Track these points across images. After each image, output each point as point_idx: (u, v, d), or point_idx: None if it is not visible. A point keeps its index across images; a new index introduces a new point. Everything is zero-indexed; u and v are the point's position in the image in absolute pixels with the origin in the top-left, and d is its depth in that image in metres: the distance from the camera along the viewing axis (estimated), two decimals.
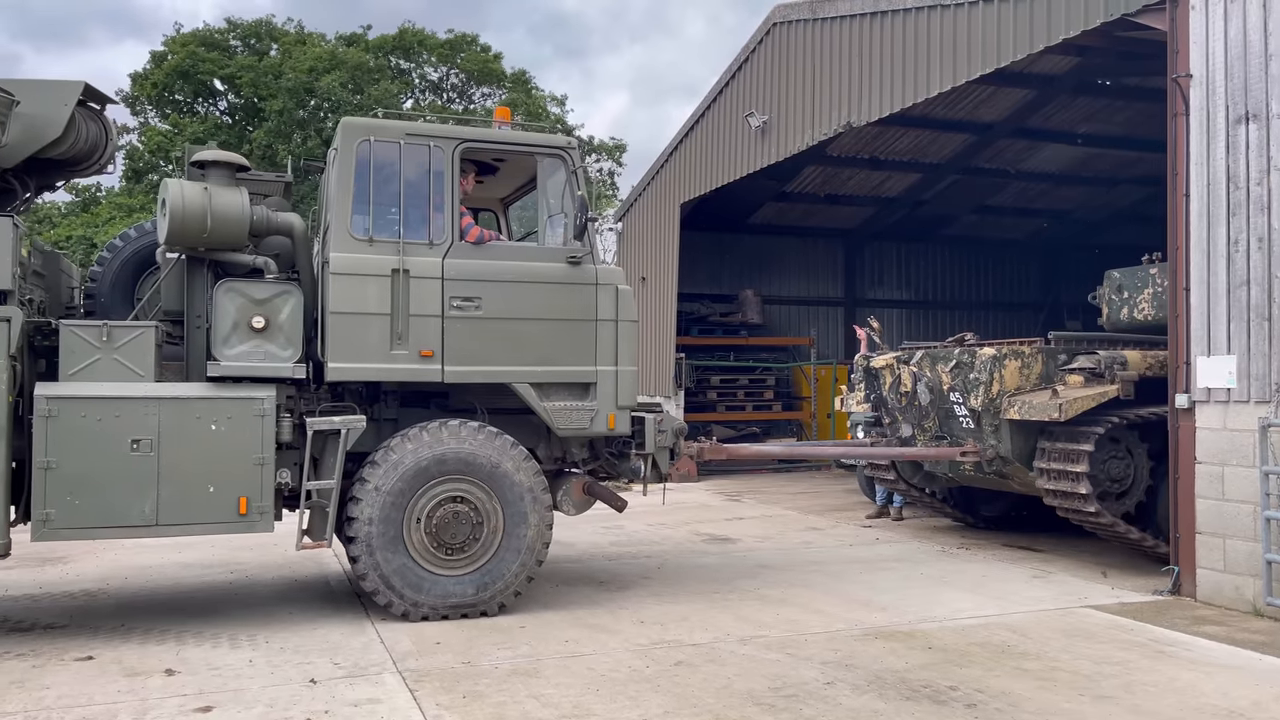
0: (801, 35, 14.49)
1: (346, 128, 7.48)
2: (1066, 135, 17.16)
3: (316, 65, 31.57)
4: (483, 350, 7.43)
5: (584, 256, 7.68)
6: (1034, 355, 9.40)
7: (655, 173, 19.65)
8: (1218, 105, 7.82)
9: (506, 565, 7.37)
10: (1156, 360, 9.09)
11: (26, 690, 5.71)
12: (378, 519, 7.07)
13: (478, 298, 7.42)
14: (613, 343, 7.74)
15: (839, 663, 6.23)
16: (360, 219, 7.30)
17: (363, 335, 7.20)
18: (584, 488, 8.14)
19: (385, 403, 7.70)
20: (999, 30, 10.43)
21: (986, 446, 9.51)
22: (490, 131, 7.95)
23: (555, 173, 7.90)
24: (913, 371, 10.29)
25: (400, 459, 7.16)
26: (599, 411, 7.69)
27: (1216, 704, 5.47)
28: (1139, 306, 10.73)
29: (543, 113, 36.45)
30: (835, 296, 22.33)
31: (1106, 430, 8.80)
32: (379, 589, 7.12)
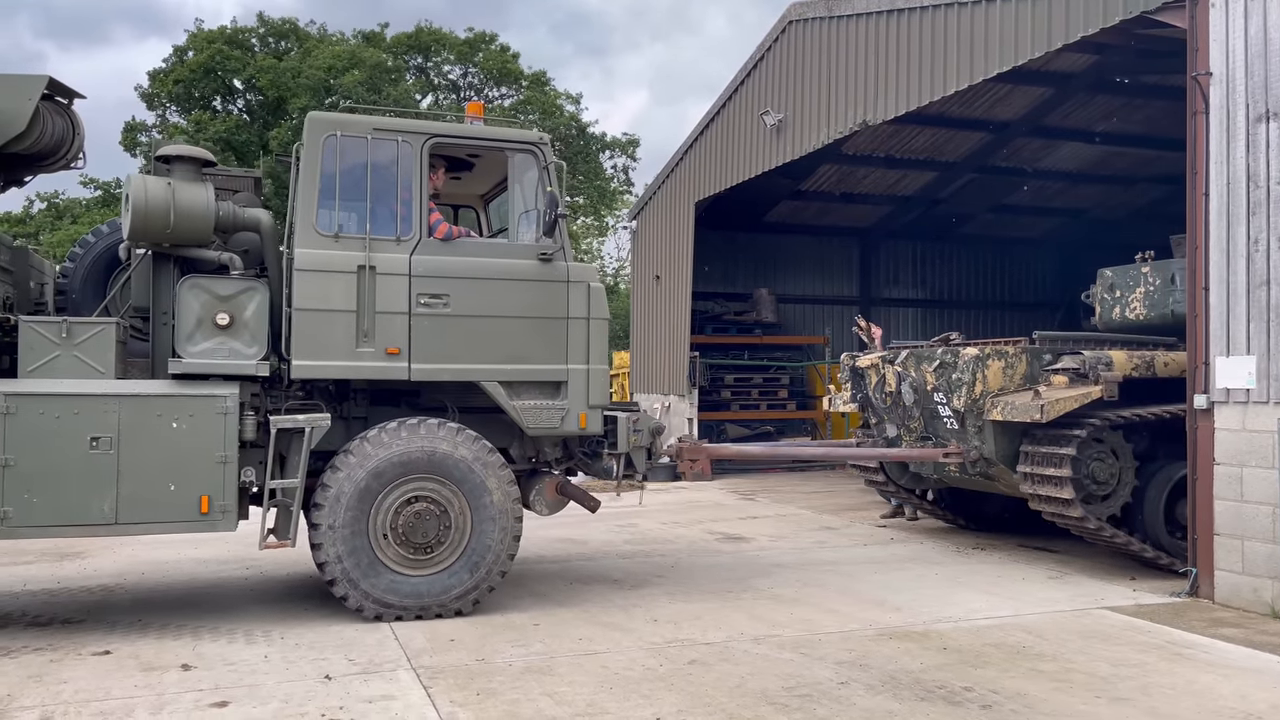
0: (817, 33, 14.44)
1: (312, 122, 7.38)
2: (1084, 134, 17.05)
3: (336, 64, 31.70)
4: (451, 348, 7.34)
5: (555, 253, 7.58)
6: (1018, 355, 9.23)
7: (670, 171, 19.64)
8: (1238, 103, 7.75)
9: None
10: (1143, 361, 8.98)
11: (44, 684, 5.76)
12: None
13: (446, 295, 7.33)
14: (584, 341, 7.64)
15: (853, 663, 6.21)
16: (326, 215, 7.22)
17: (328, 332, 7.11)
18: (557, 487, 8.02)
19: (355, 401, 7.61)
20: (1016, 28, 10.37)
21: (970, 448, 9.37)
22: (459, 126, 7.86)
23: (527, 168, 7.79)
24: (897, 371, 10.14)
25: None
26: (570, 411, 7.60)
27: (1234, 707, 5.42)
28: (1131, 306, 10.60)
29: (558, 111, 36.52)
30: (850, 295, 22.26)
31: (1090, 432, 8.66)
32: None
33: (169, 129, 33.19)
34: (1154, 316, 10.34)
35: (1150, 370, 9.00)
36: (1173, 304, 10.10)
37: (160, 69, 34.26)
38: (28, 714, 5.26)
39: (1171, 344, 9.52)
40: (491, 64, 36.48)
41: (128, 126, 34.09)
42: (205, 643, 6.65)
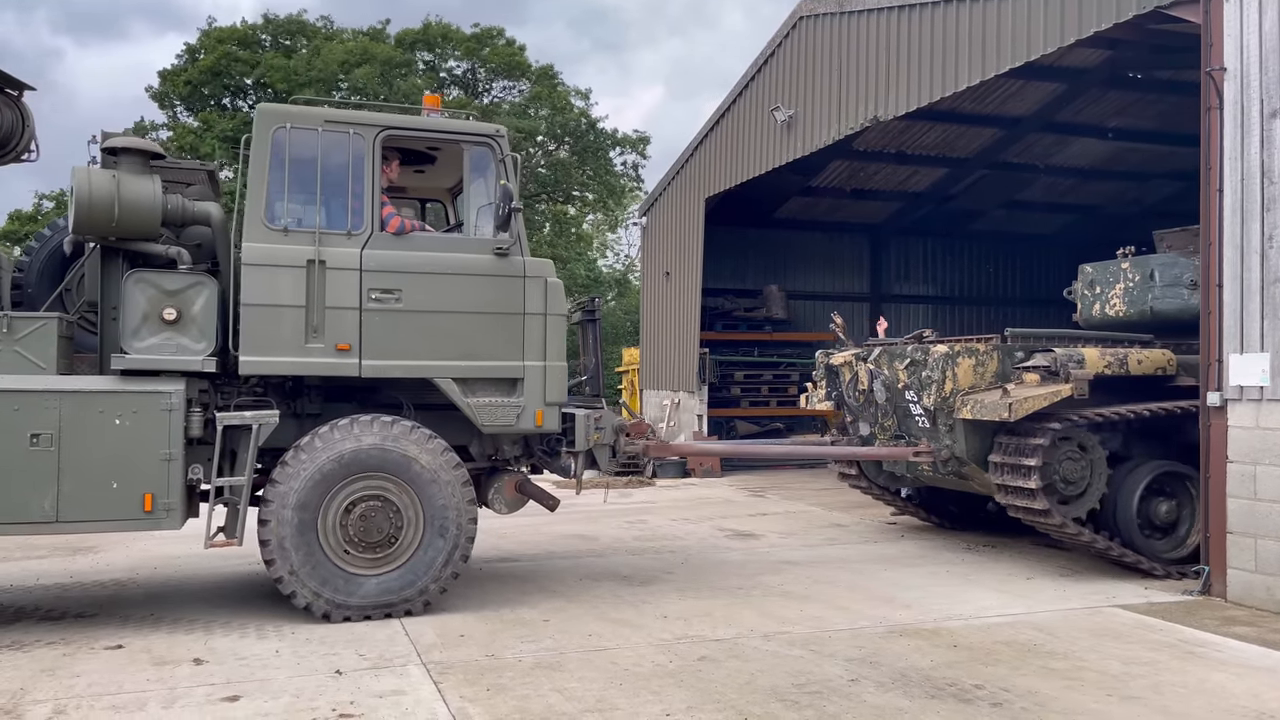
0: (828, 29, 14.40)
1: (262, 114, 7.25)
2: (1097, 129, 16.98)
3: (348, 59, 31.76)
4: (403, 344, 7.22)
5: (511, 248, 7.45)
6: (989, 353, 9.05)
7: (680, 167, 19.63)
8: (1252, 99, 7.70)
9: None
10: (1116, 358, 8.82)
11: (57, 678, 5.79)
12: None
13: (398, 290, 7.21)
14: (541, 337, 7.53)
15: (863, 660, 6.20)
16: (275, 208, 7.10)
17: (276, 328, 6.99)
18: (516, 485, 7.94)
19: (309, 397, 7.50)
20: (1029, 23, 10.32)
21: (941, 447, 9.19)
22: (413, 119, 7.72)
23: (483, 162, 7.66)
24: (869, 369, 9.97)
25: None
26: (526, 408, 7.47)
27: (1247, 705, 5.40)
28: (1110, 302, 10.48)
29: (568, 107, 36.48)
30: (861, 292, 22.21)
31: (1060, 430, 8.49)
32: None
33: (178, 129, 33.31)
34: (1133, 313, 10.22)
35: (1124, 368, 8.83)
36: (1152, 300, 10.00)
37: (171, 68, 34.35)
38: (41, 707, 5.29)
39: (1147, 341, 9.39)
40: (499, 58, 36.46)
41: (138, 126, 34.22)
42: (217, 637, 6.68)
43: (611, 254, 46.13)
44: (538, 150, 36.00)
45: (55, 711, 5.23)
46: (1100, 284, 10.64)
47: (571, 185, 37.15)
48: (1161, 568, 8.69)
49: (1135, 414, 8.73)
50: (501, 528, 11.62)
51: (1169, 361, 9.02)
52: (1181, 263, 9.94)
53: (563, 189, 37.50)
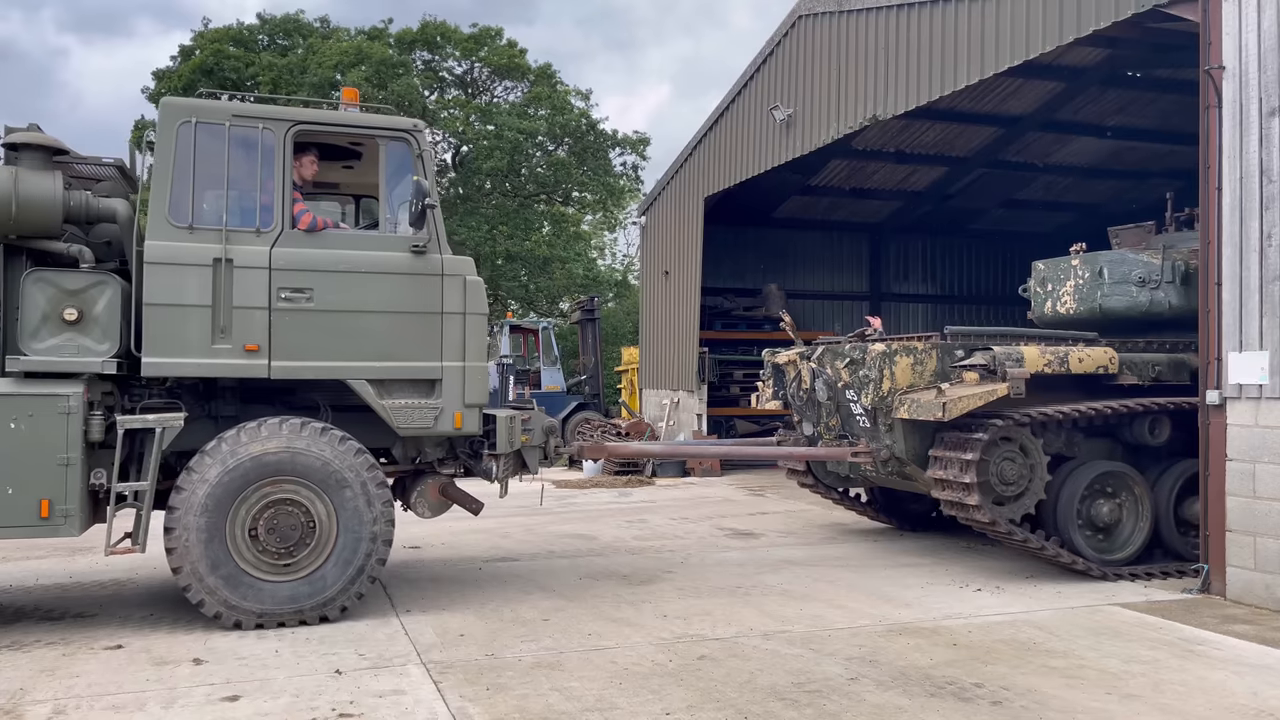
0: (827, 28, 14.40)
1: (166, 108, 7.03)
2: (1096, 128, 16.98)
3: (342, 60, 31.75)
4: (315, 344, 7.03)
5: (429, 245, 7.28)
6: (927, 351, 8.89)
7: (679, 166, 19.63)
8: (1251, 98, 7.70)
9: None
10: (1056, 357, 8.62)
11: (57, 678, 5.79)
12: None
13: (309, 289, 7.02)
14: (460, 337, 7.33)
15: (862, 659, 6.20)
16: (180, 205, 6.88)
17: (181, 328, 6.80)
18: (440, 489, 7.80)
19: (224, 399, 7.31)
20: (1028, 22, 10.32)
21: (881, 447, 9.02)
22: (325, 113, 7.55)
23: (399, 157, 7.47)
24: (812, 368, 9.76)
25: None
26: (444, 410, 7.27)
27: (1246, 704, 5.40)
28: (1061, 299, 10.36)
29: (566, 107, 36.47)
30: (860, 291, 22.22)
31: (997, 430, 8.32)
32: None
33: None
34: (1083, 311, 10.12)
35: (1064, 366, 8.64)
36: (1101, 298, 9.92)
37: (165, 69, 34.33)
38: (40, 707, 5.29)
39: (1092, 339, 9.24)
40: (498, 58, 36.45)
41: (137, 125, 34.22)
42: (216, 637, 6.68)
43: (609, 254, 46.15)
44: (537, 150, 36.00)
45: (55, 711, 5.23)
46: (1052, 281, 10.52)
47: (571, 186, 37.14)
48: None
49: (1076, 414, 8.58)
50: (502, 528, 11.62)
51: (1111, 360, 8.83)
52: (1130, 259, 9.84)
53: (562, 189, 37.50)
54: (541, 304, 38.13)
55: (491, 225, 34.47)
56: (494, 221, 34.74)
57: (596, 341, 23.08)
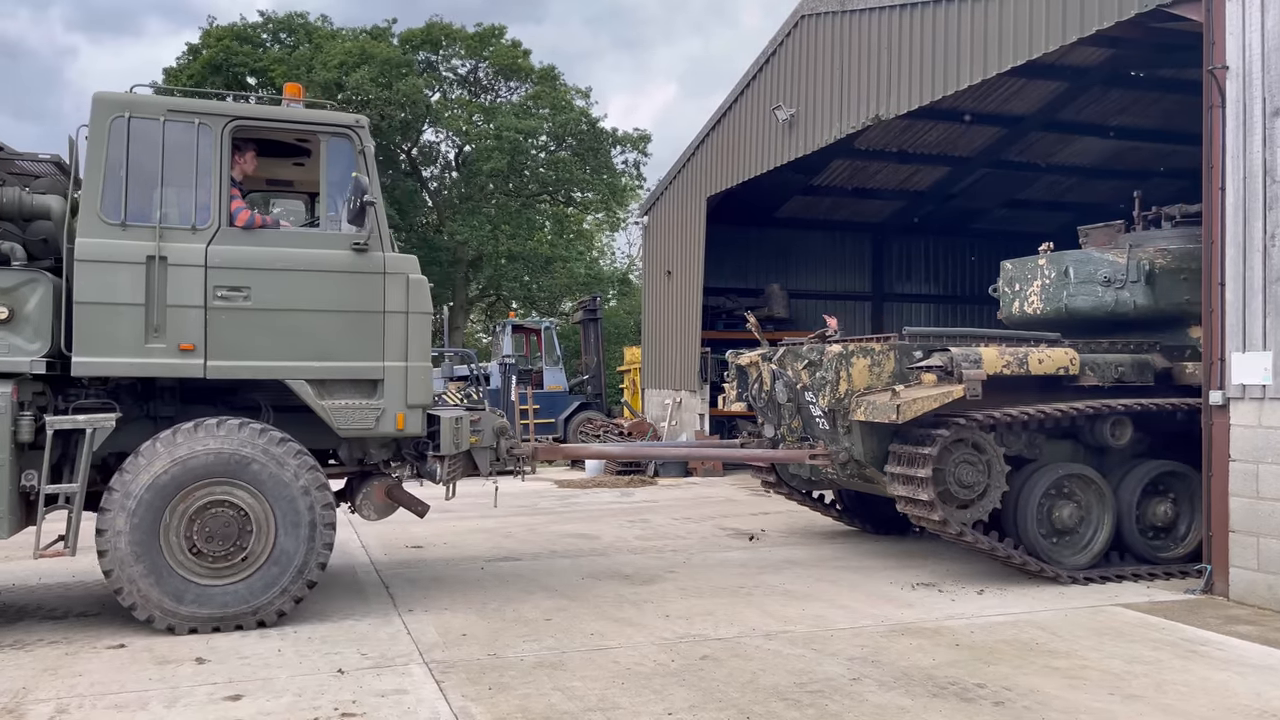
0: (830, 28, 14.40)
1: (98, 103, 6.87)
2: (1099, 128, 16.97)
3: (347, 60, 31.77)
4: (252, 344, 6.89)
5: (370, 243, 7.13)
6: (885, 353, 8.76)
7: (682, 166, 19.63)
8: (1254, 98, 7.69)
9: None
10: (1015, 358, 8.48)
11: (59, 677, 5.80)
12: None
13: (246, 287, 6.88)
14: (402, 336, 7.18)
15: (865, 659, 6.20)
16: (112, 202, 6.74)
17: (113, 327, 6.65)
18: (386, 491, 7.67)
19: (163, 400, 7.18)
20: (1030, 22, 10.31)
21: (840, 449, 8.84)
22: (263, 109, 7.44)
23: (340, 153, 7.28)
24: (773, 369, 9.59)
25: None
26: (386, 411, 7.12)
27: (1249, 705, 5.39)
28: (1028, 300, 10.27)
29: (568, 106, 36.49)
30: (863, 291, 22.22)
31: (954, 432, 8.16)
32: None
33: None
34: (1049, 311, 10.03)
35: (1024, 368, 8.49)
36: (1066, 298, 9.84)
37: (175, 66, 34.37)
38: (43, 706, 5.29)
39: (1054, 340, 9.11)
40: (501, 59, 36.48)
41: None
42: (218, 636, 6.68)
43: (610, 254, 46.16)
44: (540, 151, 36.00)
45: (58, 710, 5.24)
46: (1019, 281, 10.41)
47: (573, 185, 37.15)
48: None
49: (1034, 415, 8.41)
50: (504, 527, 11.63)
51: (1072, 361, 8.68)
52: (1095, 259, 9.76)
53: (564, 189, 37.51)
54: (543, 304, 38.14)
55: (494, 225, 34.49)
56: (496, 221, 34.75)
57: (599, 341, 23.08)
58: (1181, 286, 9.43)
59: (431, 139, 37.16)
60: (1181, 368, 9.20)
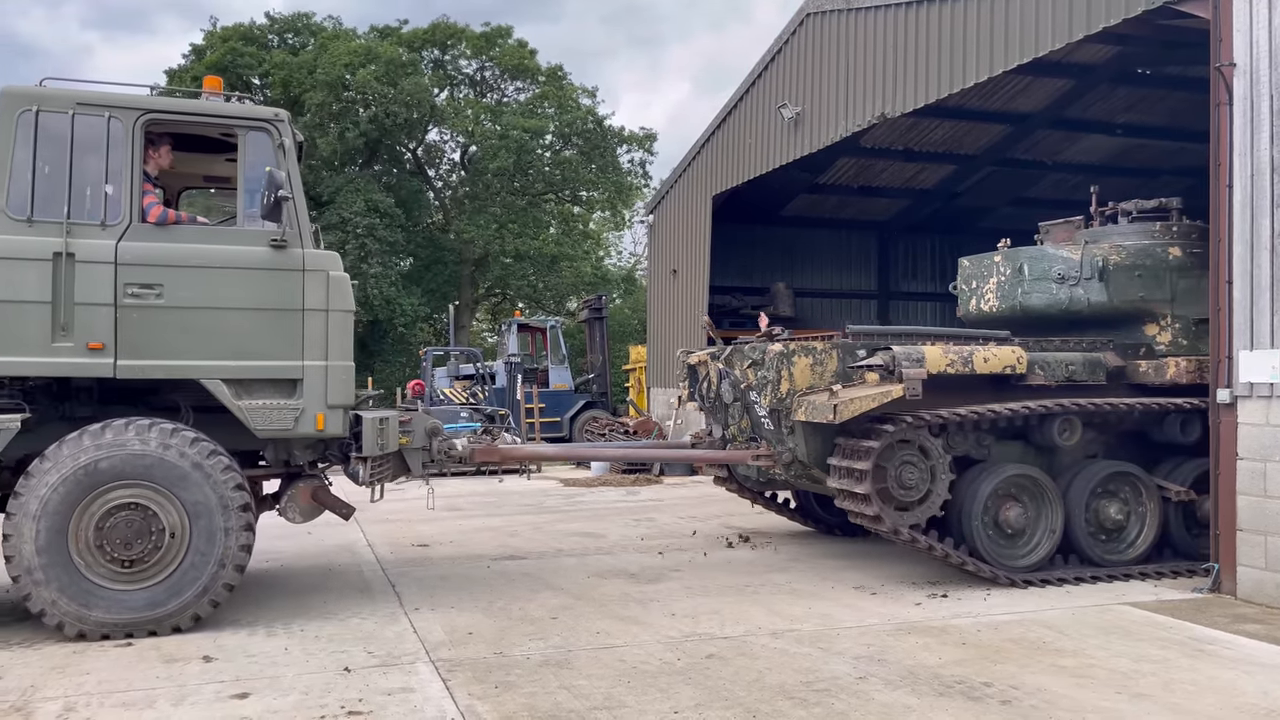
0: (835, 26, 14.38)
1: (6, 96, 6.71)
2: (1106, 126, 16.94)
3: (353, 60, 31.81)
4: (165, 343, 6.72)
5: (289, 239, 6.96)
6: (827, 351, 8.56)
7: (687, 165, 19.63)
8: (1262, 94, 7.67)
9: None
10: (960, 357, 8.29)
11: (67, 676, 5.81)
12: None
13: (159, 285, 6.71)
14: (322, 335, 7.00)
15: (871, 658, 6.19)
16: (18, 197, 6.58)
17: (18, 325, 6.48)
18: (311, 494, 7.51)
19: (80, 401, 6.99)
20: (1037, 19, 10.29)
21: (784, 450, 8.65)
22: (178, 102, 7.25)
23: (260, 148, 7.11)
24: (719, 369, 9.37)
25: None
26: (305, 411, 6.96)
27: (1257, 704, 5.37)
28: (985, 297, 10.12)
29: (574, 105, 36.52)
30: (868, 289, 22.20)
31: (894, 433, 7.98)
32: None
33: None
34: (1004, 308, 9.87)
35: (968, 367, 8.30)
36: (1021, 295, 9.69)
37: (178, 68, 34.39)
38: (51, 704, 5.31)
39: (1004, 338, 8.94)
40: (508, 58, 36.52)
41: None
42: (225, 635, 6.70)
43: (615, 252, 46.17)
44: (545, 150, 36.03)
45: (65, 709, 5.25)
46: (976, 279, 10.26)
47: (579, 184, 37.18)
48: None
49: (976, 415, 8.23)
50: (510, 526, 11.64)
51: (1019, 360, 8.50)
52: (1049, 255, 9.58)
53: (570, 188, 37.53)
54: (549, 303, 38.19)
55: (500, 224, 34.53)
56: (502, 220, 34.79)
57: (604, 340, 23.09)
58: (1136, 283, 9.23)
59: (436, 139, 37.24)
60: (1135, 366, 9.07)
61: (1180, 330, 9.28)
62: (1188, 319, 9.25)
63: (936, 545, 8.21)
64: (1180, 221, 9.60)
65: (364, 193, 31.57)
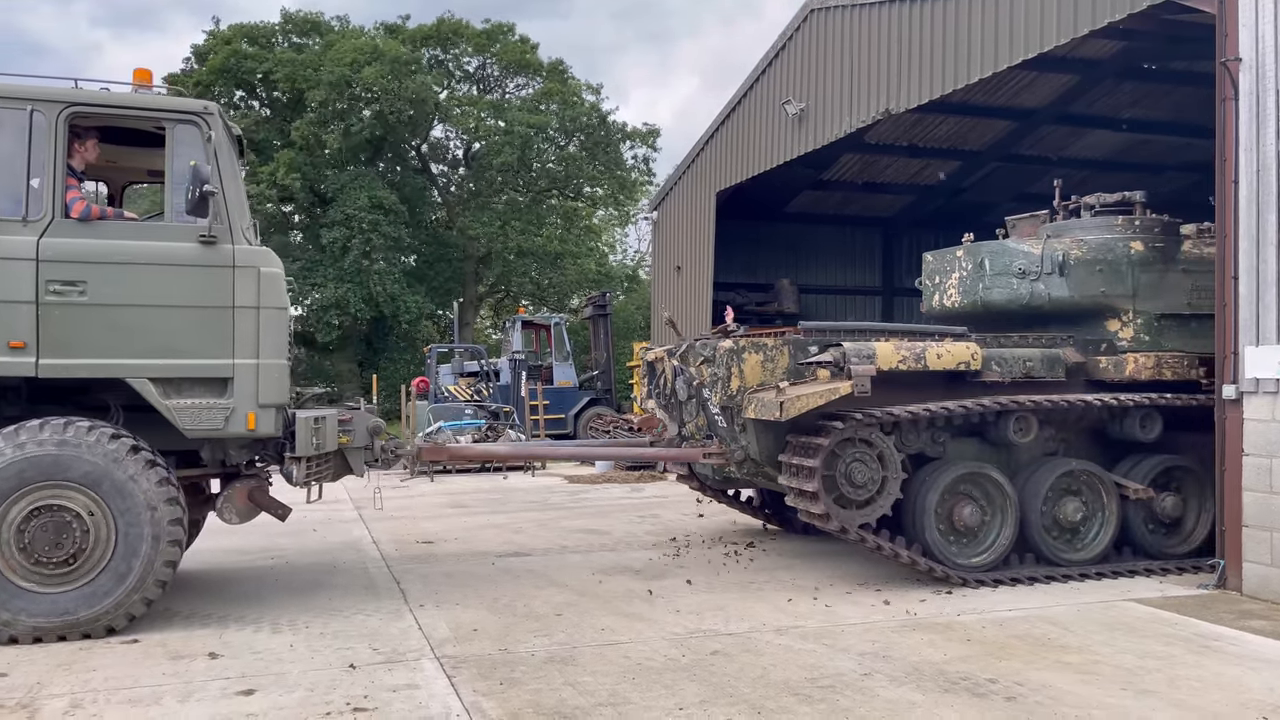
0: (839, 21, 14.36)
1: None
2: (1111, 121, 16.89)
3: (358, 58, 31.82)
4: (90, 341, 6.57)
5: (219, 235, 6.80)
6: (779, 348, 8.43)
7: (691, 161, 19.61)
8: (1268, 90, 7.64)
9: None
10: (912, 353, 8.18)
11: (73, 672, 5.83)
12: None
13: (83, 282, 6.55)
14: (254, 333, 6.86)
15: (876, 654, 6.19)
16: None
17: None
18: (248, 494, 7.39)
19: (6, 400, 6.83)
20: (1042, 14, 10.27)
21: (737, 447, 8.51)
22: (103, 94, 7.01)
23: (188, 141, 6.95)
24: (674, 365, 9.24)
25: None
26: (235, 410, 6.81)
27: (1263, 699, 5.37)
28: (947, 293, 10.00)
29: (577, 101, 36.50)
30: (873, 285, 22.17)
31: (843, 431, 7.85)
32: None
33: None
34: (966, 304, 9.77)
35: (921, 363, 8.19)
36: (982, 290, 9.58)
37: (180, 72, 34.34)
38: (57, 701, 5.32)
39: (960, 334, 8.79)
40: (510, 55, 36.51)
41: None
42: (231, 631, 6.71)
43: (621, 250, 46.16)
44: (548, 146, 36.03)
45: (72, 705, 5.27)
46: (939, 274, 10.15)
47: (582, 181, 37.18)
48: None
49: (926, 413, 8.12)
50: (515, 523, 11.65)
51: (973, 356, 8.39)
52: (1010, 250, 9.44)
53: (573, 184, 37.54)
54: (553, 300, 38.21)
55: (503, 221, 34.54)
56: (505, 217, 34.80)
57: (608, 337, 23.09)
58: (1096, 278, 9.08)
59: (440, 135, 37.26)
60: (1095, 362, 8.98)
61: (1143, 326, 9.11)
62: (1150, 314, 9.10)
63: (885, 544, 8.09)
64: (1143, 215, 9.46)
65: (368, 189, 31.60)
